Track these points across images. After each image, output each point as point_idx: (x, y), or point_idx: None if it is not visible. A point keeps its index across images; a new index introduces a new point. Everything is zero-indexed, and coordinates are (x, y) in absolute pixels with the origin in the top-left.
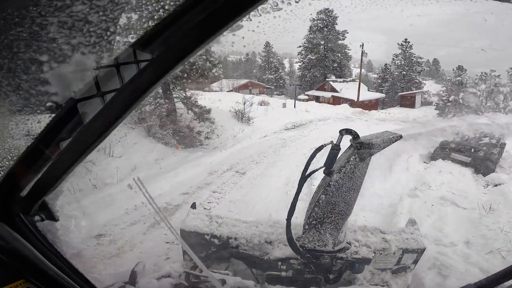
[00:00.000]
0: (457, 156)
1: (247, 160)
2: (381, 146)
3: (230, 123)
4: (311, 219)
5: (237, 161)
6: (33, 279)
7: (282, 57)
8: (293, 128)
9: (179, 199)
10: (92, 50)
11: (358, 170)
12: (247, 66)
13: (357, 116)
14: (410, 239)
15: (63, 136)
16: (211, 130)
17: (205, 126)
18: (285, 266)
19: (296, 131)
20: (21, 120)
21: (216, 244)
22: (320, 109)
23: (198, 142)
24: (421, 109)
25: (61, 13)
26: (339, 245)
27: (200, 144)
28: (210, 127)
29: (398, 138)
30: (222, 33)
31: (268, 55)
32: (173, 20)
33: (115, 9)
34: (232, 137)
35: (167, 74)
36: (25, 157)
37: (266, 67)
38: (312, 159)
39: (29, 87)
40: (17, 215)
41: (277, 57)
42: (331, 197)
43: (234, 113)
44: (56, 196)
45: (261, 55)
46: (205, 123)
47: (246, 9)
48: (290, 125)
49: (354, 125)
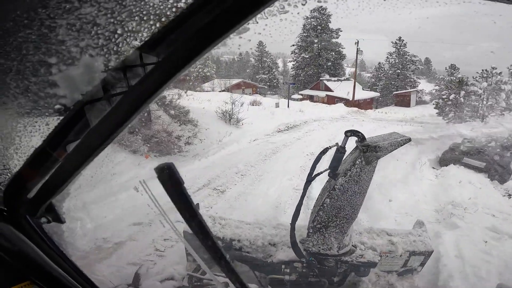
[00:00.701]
0: (469, 161)
1: (230, 172)
2: (389, 149)
3: (216, 125)
4: (316, 223)
5: (218, 173)
6: (38, 281)
7: (275, 56)
8: (287, 130)
9: (125, 232)
10: (100, 52)
11: (364, 173)
12: (240, 65)
13: (353, 115)
14: (417, 241)
15: (70, 138)
16: (193, 134)
17: (186, 130)
18: (288, 269)
19: (290, 133)
20: (29, 122)
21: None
22: (314, 108)
23: (176, 149)
24: (417, 108)
25: (69, 15)
26: (344, 248)
27: (179, 151)
28: (192, 130)
29: (407, 141)
30: (228, 36)
31: (261, 54)
32: (179, 22)
33: (122, 12)
34: (217, 141)
35: (173, 77)
36: (33, 159)
37: (260, 67)
38: (317, 162)
39: (37, 90)
40: (23, 217)
41: (271, 56)
42: (336, 201)
43: (222, 114)
44: (62, 198)
45: (254, 55)
46: (187, 126)
47: (253, 11)
48: (283, 126)
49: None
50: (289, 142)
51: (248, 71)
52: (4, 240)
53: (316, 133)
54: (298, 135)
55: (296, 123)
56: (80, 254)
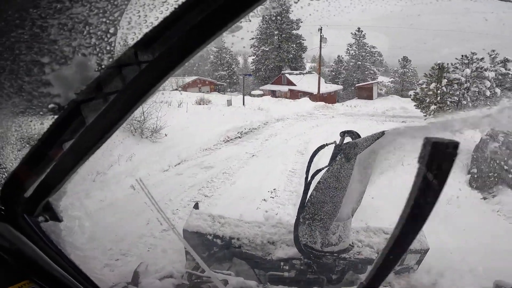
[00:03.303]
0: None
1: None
2: (364, 144)
3: (113, 142)
4: (305, 213)
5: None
6: (37, 280)
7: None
8: (239, 137)
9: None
10: (93, 51)
11: (343, 170)
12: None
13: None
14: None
15: (66, 137)
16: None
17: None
18: (287, 266)
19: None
20: (24, 121)
21: (219, 244)
22: (277, 105)
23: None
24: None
25: (61, 15)
26: (341, 245)
27: None
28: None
29: (380, 135)
30: (221, 34)
31: (220, 50)
32: (173, 21)
33: (114, 11)
34: (95, 175)
35: (167, 75)
36: (29, 158)
37: (219, 63)
38: (313, 158)
39: (31, 89)
40: (21, 216)
41: (230, 52)
42: (321, 195)
43: (130, 123)
44: (59, 196)
45: (213, 51)
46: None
47: (245, 9)
48: (234, 132)
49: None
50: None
51: (207, 68)
52: (2, 239)
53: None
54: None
55: (253, 125)
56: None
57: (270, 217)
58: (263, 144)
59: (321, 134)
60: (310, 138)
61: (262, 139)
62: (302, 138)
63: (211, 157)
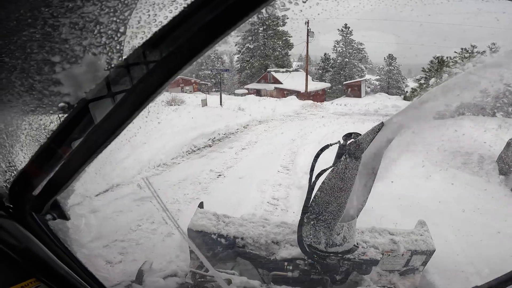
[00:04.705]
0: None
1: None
2: (367, 139)
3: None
4: (309, 213)
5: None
6: (43, 278)
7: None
8: (209, 145)
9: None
10: (103, 51)
11: (348, 170)
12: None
13: (309, 110)
14: (419, 241)
15: (75, 136)
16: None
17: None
18: (291, 266)
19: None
20: (34, 120)
21: (223, 243)
22: (260, 104)
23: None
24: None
25: (72, 14)
26: (345, 246)
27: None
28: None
29: (381, 126)
30: (230, 33)
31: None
32: (181, 20)
33: (125, 10)
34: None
35: (175, 74)
36: (38, 156)
37: (203, 62)
38: (317, 159)
39: (42, 88)
40: (29, 214)
41: (215, 51)
42: (325, 195)
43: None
44: (67, 195)
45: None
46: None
47: (254, 9)
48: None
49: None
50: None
51: (191, 67)
52: (10, 237)
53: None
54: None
55: (229, 129)
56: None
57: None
58: (238, 155)
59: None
60: (298, 146)
61: (238, 148)
62: (288, 147)
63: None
